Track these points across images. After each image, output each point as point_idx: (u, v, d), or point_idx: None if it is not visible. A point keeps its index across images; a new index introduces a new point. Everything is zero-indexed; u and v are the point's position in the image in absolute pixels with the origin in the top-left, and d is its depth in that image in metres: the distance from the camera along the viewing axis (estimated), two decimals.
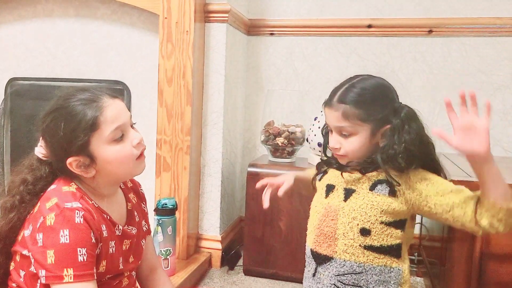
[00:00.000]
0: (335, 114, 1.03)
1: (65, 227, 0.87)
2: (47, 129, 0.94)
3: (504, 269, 1.29)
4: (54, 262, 0.86)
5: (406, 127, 1.01)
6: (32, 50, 2.13)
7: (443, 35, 2.03)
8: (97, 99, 0.93)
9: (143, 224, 1.12)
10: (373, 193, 1.02)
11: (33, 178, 0.99)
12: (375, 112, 1.01)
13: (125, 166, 0.96)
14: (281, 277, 1.85)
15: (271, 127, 1.93)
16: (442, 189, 1.00)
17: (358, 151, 1.04)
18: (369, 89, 1.03)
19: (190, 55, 1.78)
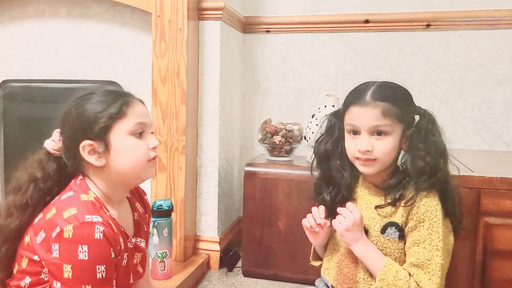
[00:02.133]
0: (373, 112, 1.00)
1: (84, 242, 0.84)
2: (72, 109, 0.94)
3: (508, 266, 1.26)
4: (71, 278, 0.84)
5: (430, 127, 1.02)
6: (24, 52, 2.09)
7: (441, 29, 2.00)
8: (127, 95, 0.97)
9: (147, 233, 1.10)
10: (384, 237, 1.01)
11: (43, 175, 0.97)
12: (408, 111, 1.01)
13: (137, 163, 0.95)
14: (281, 278, 1.82)
15: (268, 126, 1.90)
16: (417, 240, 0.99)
17: (389, 154, 1.01)
18: (399, 89, 1.04)
19: (184, 53, 1.75)
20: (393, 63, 2.06)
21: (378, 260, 0.98)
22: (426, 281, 0.92)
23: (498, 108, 1.97)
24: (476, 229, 1.27)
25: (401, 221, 0.99)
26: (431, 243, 0.95)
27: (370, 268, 0.99)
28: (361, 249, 1.00)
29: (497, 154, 1.80)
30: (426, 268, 0.94)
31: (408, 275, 0.94)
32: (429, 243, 0.95)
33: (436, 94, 2.03)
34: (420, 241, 0.96)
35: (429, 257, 0.94)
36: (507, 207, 1.25)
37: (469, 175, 1.29)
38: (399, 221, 0.99)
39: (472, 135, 2.00)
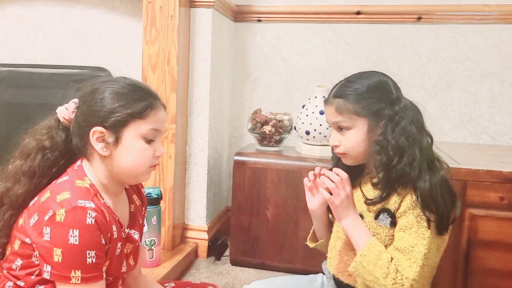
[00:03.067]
0: (330, 109, 1.04)
1: (75, 227, 0.83)
2: (97, 91, 0.92)
3: (491, 256, 1.29)
4: (61, 262, 0.83)
5: (396, 118, 0.99)
6: (11, 36, 2.06)
7: (432, 22, 2.01)
8: (155, 97, 0.96)
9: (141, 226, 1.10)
10: (376, 223, 1.01)
11: (51, 144, 0.96)
12: (369, 105, 1.00)
13: (139, 166, 0.94)
14: (268, 267, 1.84)
15: (258, 115, 1.90)
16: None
17: (357, 147, 1.02)
18: (364, 83, 1.03)
19: (175, 40, 1.74)
20: (384, 55, 2.07)
21: (364, 237, 0.98)
22: (405, 267, 0.92)
23: (485, 102, 2.00)
24: (461, 220, 1.29)
25: (394, 207, 0.98)
26: (418, 231, 0.94)
27: (355, 243, 0.99)
28: (350, 223, 1.00)
29: (482, 147, 1.83)
30: (408, 254, 0.93)
31: (390, 259, 0.94)
32: (415, 231, 0.94)
33: (424, 87, 2.05)
34: (407, 227, 0.95)
35: (413, 244, 0.93)
36: (491, 199, 1.28)
37: (456, 167, 1.31)
38: (392, 208, 0.99)
39: (458, 128, 2.03)
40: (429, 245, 0.93)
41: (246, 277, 1.78)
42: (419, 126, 1.01)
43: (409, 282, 0.91)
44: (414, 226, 0.94)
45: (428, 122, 2.07)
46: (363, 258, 0.95)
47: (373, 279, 0.94)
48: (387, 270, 0.92)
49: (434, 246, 0.95)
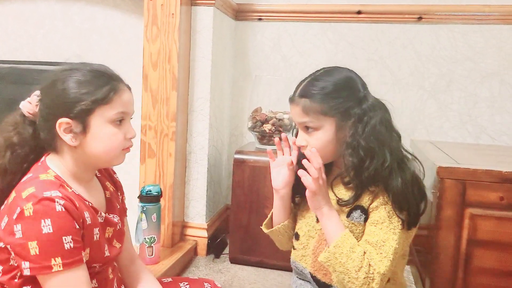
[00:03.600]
0: (296, 109, 1.01)
1: (46, 216, 0.83)
2: (57, 82, 0.91)
3: (490, 256, 1.29)
4: (39, 253, 0.83)
5: (365, 118, 0.97)
6: (12, 33, 2.06)
7: (432, 22, 2.02)
8: (117, 80, 0.96)
9: (121, 211, 1.10)
10: (349, 220, 1.00)
11: (19, 140, 0.95)
12: (337, 105, 0.98)
13: (111, 151, 0.94)
14: (267, 265, 1.84)
15: (258, 114, 1.90)
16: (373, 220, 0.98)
17: (325, 147, 1.00)
18: (331, 81, 1.00)
19: (176, 38, 1.74)
20: (384, 54, 2.07)
21: (339, 228, 0.96)
22: (377, 261, 0.92)
23: (484, 102, 2.00)
24: (461, 219, 1.29)
25: (366, 204, 0.98)
26: (389, 226, 0.94)
27: (328, 233, 0.97)
28: (326, 212, 0.97)
29: (482, 147, 1.83)
30: (379, 249, 0.93)
31: (363, 252, 0.93)
32: (387, 226, 0.94)
33: (424, 87, 2.05)
34: (379, 222, 0.95)
35: (384, 239, 0.93)
36: (490, 198, 1.28)
37: (455, 166, 1.31)
38: (365, 205, 0.98)
39: (458, 128, 2.04)
40: (399, 240, 0.94)
41: (245, 275, 1.78)
42: (388, 125, 1.00)
43: (379, 277, 0.91)
44: (386, 221, 0.94)
45: (427, 121, 2.10)
46: (336, 249, 0.94)
47: (344, 270, 0.92)
48: (361, 263, 0.92)
49: (402, 240, 0.96)
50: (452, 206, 1.30)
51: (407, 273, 1.85)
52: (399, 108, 2.07)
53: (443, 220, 1.31)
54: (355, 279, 0.91)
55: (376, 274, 0.91)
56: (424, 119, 2.06)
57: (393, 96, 2.08)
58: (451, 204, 1.30)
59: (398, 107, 2.08)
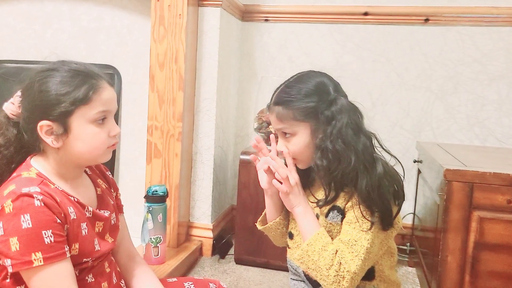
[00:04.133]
0: (272, 116, 1.04)
1: (25, 212, 0.83)
2: (34, 84, 0.90)
3: (498, 259, 1.28)
4: (19, 249, 0.82)
5: (333, 122, 0.98)
6: (19, 33, 2.07)
7: (440, 24, 2.01)
8: (96, 78, 0.93)
9: (116, 208, 1.09)
10: (326, 221, 1.02)
11: (4, 142, 0.95)
12: (308, 110, 0.99)
13: (95, 150, 0.93)
14: (272, 266, 1.84)
15: (264, 115, 1.90)
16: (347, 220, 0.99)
17: (304, 152, 1.02)
18: (302, 87, 1.01)
19: (182, 39, 1.74)
20: (390, 56, 2.07)
21: (313, 227, 0.99)
22: (348, 259, 0.93)
23: (492, 104, 1.99)
24: (468, 222, 1.29)
25: (342, 205, 1.00)
26: (361, 226, 0.95)
27: (303, 232, 1.00)
28: (301, 211, 1.01)
29: (489, 150, 1.82)
30: (351, 248, 0.94)
31: (335, 251, 0.95)
32: (359, 225, 0.95)
33: (431, 89, 2.04)
34: (352, 221, 0.96)
35: (356, 238, 0.95)
36: (498, 201, 1.28)
37: (463, 169, 1.31)
38: (341, 205, 1.00)
39: (465, 131, 2.03)
40: (372, 240, 0.95)
41: (251, 276, 1.78)
42: (356, 127, 0.99)
43: (350, 275, 0.93)
44: (359, 221, 0.96)
45: (434, 124, 2.09)
46: (309, 247, 0.97)
47: (316, 268, 0.95)
48: (331, 261, 0.94)
49: (378, 240, 0.97)
50: (459, 209, 1.30)
51: (412, 275, 1.84)
52: (405, 110, 2.07)
53: (450, 223, 1.31)
54: (326, 277, 0.94)
55: (346, 272, 0.93)
56: (431, 121, 2.05)
57: (399, 98, 2.07)
58: (458, 207, 1.30)
59: (404, 109, 2.07)
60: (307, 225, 1.00)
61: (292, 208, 1.03)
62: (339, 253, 0.95)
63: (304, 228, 1.00)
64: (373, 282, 1.04)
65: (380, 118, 2.08)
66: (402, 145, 2.07)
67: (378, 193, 0.96)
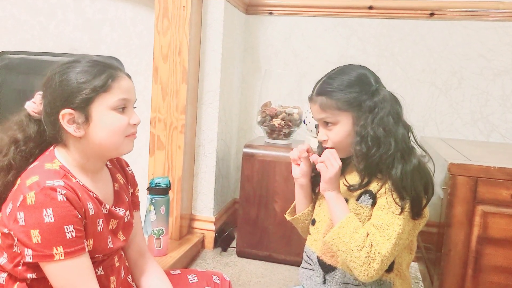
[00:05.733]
0: (315, 107, 1.08)
1: (47, 206, 0.84)
2: (55, 76, 0.91)
3: (501, 254, 1.28)
4: (40, 242, 0.83)
5: (376, 110, 1.03)
6: (23, 24, 2.07)
7: (445, 18, 2.00)
8: (115, 68, 0.95)
9: (131, 205, 1.09)
10: (357, 203, 1.05)
11: (24, 137, 0.96)
12: (351, 100, 1.04)
13: (115, 138, 0.94)
14: (275, 260, 1.84)
15: (268, 108, 1.90)
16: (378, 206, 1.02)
17: (345, 140, 1.06)
18: (344, 78, 1.06)
19: (186, 31, 1.74)
20: (395, 50, 2.06)
21: (344, 211, 1.02)
22: (379, 242, 0.95)
23: (496, 100, 1.98)
24: (472, 216, 1.28)
25: (375, 189, 1.03)
26: (394, 211, 0.98)
27: (334, 215, 1.02)
28: (334, 195, 1.04)
29: (493, 145, 1.82)
30: (383, 232, 0.96)
31: (367, 234, 0.97)
32: (392, 211, 0.98)
33: (436, 84, 2.03)
34: (385, 207, 0.99)
35: (389, 223, 0.97)
36: (502, 196, 1.27)
37: (467, 163, 1.30)
38: (374, 190, 1.03)
39: (469, 126, 2.02)
40: (403, 226, 0.97)
41: (253, 269, 1.78)
42: (396, 117, 1.04)
43: (380, 257, 0.95)
44: (392, 206, 0.98)
45: (438, 119, 2.08)
46: (340, 229, 0.99)
47: (347, 250, 0.97)
48: (363, 243, 0.96)
49: (407, 228, 1.00)
50: (463, 203, 1.29)
51: (414, 270, 1.84)
52: (409, 104, 2.06)
53: (454, 217, 1.30)
54: (357, 258, 0.96)
55: (377, 254, 0.95)
56: (435, 116, 2.04)
57: (404, 93, 2.04)
58: (462, 201, 1.29)
59: (409, 104, 2.06)
60: (339, 209, 1.02)
61: (326, 192, 1.05)
62: (370, 235, 0.97)
63: (336, 211, 1.03)
64: (390, 274, 1.05)
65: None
66: None
67: (411, 182, 0.99)
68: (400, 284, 1.06)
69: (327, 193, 1.05)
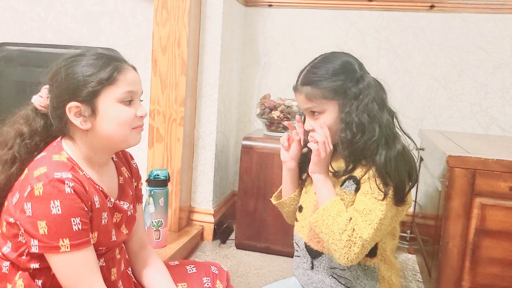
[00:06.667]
0: (300, 97, 1.08)
1: (55, 197, 0.84)
2: (61, 69, 0.91)
3: (499, 246, 1.28)
4: (47, 233, 0.84)
5: (361, 96, 1.03)
6: (22, 15, 2.06)
7: (445, 10, 1.99)
8: (121, 61, 0.95)
9: (134, 198, 1.10)
10: (341, 189, 1.05)
11: (29, 131, 0.96)
12: (336, 88, 1.04)
13: (122, 130, 0.94)
14: (273, 251, 1.85)
15: (267, 101, 1.90)
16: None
17: (332, 128, 1.05)
18: (329, 67, 1.05)
19: (185, 23, 1.73)
20: (395, 43, 2.05)
21: (330, 194, 1.03)
22: (361, 227, 0.96)
23: (496, 93, 1.98)
24: (469, 209, 1.29)
25: (359, 175, 1.04)
26: (377, 197, 0.99)
27: (320, 198, 1.04)
28: (322, 178, 1.05)
29: (492, 138, 1.82)
30: (365, 216, 0.97)
31: (350, 218, 0.98)
32: (375, 197, 0.99)
33: (435, 77, 2.03)
34: (368, 192, 1.00)
35: (371, 208, 0.98)
36: (500, 188, 1.27)
37: (465, 156, 1.30)
38: (358, 175, 1.04)
39: (468, 119, 2.02)
40: (385, 212, 0.98)
41: (251, 260, 1.79)
42: (381, 103, 1.04)
43: (361, 241, 0.96)
44: (375, 192, 0.99)
45: (437, 111, 2.08)
46: (324, 212, 1.00)
47: (329, 232, 0.99)
48: (345, 227, 0.97)
49: (390, 214, 1.00)
50: (461, 196, 1.29)
51: (412, 262, 1.85)
52: (408, 97, 2.06)
53: (452, 209, 1.31)
54: (338, 241, 0.97)
55: (359, 238, 0.96)
56: (434, 108, 2.04)
57: (403, 85, 2.06)
58: (460, 193, 1.30)
59: (407, 96, 2.06)
60: (325, 192, 1.03)
61: (315, 174, 1.05)
62: (353, 220, 0.98)
63: (322, 194, 1.04)
64: (374, 259, 1.06)
65: None
66: None
67: (395, 167, 1.00)
68: (386, 269, 1.07)
69: (315, 175, 1.05)
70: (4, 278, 0.92)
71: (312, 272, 1.11)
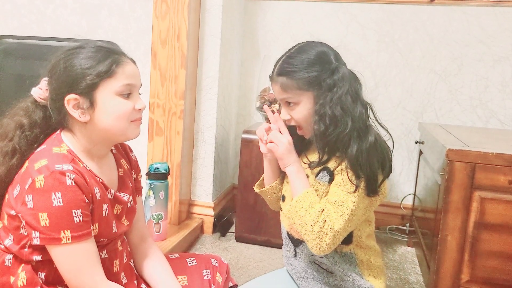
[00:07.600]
0: (276, 87, 1.06)
1: (56, 189, 0.84)
2: (60, 62, 0.91)
3: (498, 239, 1.29)
4: (48, 225, 0.84)
5: (335, 89, 1.02)
6: (21, 8, 2.05)
7: (445, 4, 1.98)
8: (119, 54, 0.95)
9: (134, 190, 1.10)
10: (316, 180, 1.05)
11: (29, 123, 0.96)
12: (311, 79, 1.02)
13: (120, 123, 0.94)
14: (273, 244, 1.86)
15: (267, 94, 1.89)
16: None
17: (308, 119, 1.05)
18: (304, 58, 1.04)
19: (185, 16, 1.72)
20: (395, 36, 2.05)
21: (304, 185, 1.03)
22: (333, 218, 0.97)
23: (496, 86, 1.98)
24: (469, 202, 1.29)
25: (333, 166, 1.03)
26: (349, 189, 1.00)
27: (294, 189, 1.04)
28: (294, 170, 1.05)
29: (491, 132, 1.82)
30: (337, 208, 0.98)
31: (322, 210, 0.99)
32: (347, 188, 0.99)
33: (435, 70, 2.03)
34: (341, 184, 1.00)
35: (343, 199, 0.98)
36: (500, 182, 1.28)
37: (465, 149, 1.30)
38: (332, 167, 1.04)
39: (468, 112, 2.02)
40: (357, 203, 0.99)
41: (251, 253, 1.80)
42: (355, 95, 1.03)
43: (332, 233, 0.96)
44: (347, 184, 0.99)
45: (437, 105, 2.08)
46: (297, 203, 1.01)
47: (301, 223, 0.99)
48: (316, 218, 0.98)
49: (362, 205, 1.01)
50: (461, 189, 1.30)
51: (411, 255, 1.86)
52: (408, 91, 2.06)
53: (451, 203, 1.31)
54: (310, 232, 0.98)
55: (330, 230, 0.97)
56: (434, 102, 2.04)
57: (403, 79, 2.06)
58: (459, 187, 1.30)
59: (408, 90, 2.06)
60: (299, 183, 1.04)
61: (285, 168, 1.06)
62: (325, 211, 0.99)
63: (295, 186, 1.04)
64: (350, 246, 1.07)
65: (383, 99, 2.07)
66: (404, 126, 2.06)
67: (367, 160, 0.99)
68: (363, 253, 1.09)
69: (287, 168, 1.05)
70: (7, 271, 0.92)
71: (296, 260, 1.13)
